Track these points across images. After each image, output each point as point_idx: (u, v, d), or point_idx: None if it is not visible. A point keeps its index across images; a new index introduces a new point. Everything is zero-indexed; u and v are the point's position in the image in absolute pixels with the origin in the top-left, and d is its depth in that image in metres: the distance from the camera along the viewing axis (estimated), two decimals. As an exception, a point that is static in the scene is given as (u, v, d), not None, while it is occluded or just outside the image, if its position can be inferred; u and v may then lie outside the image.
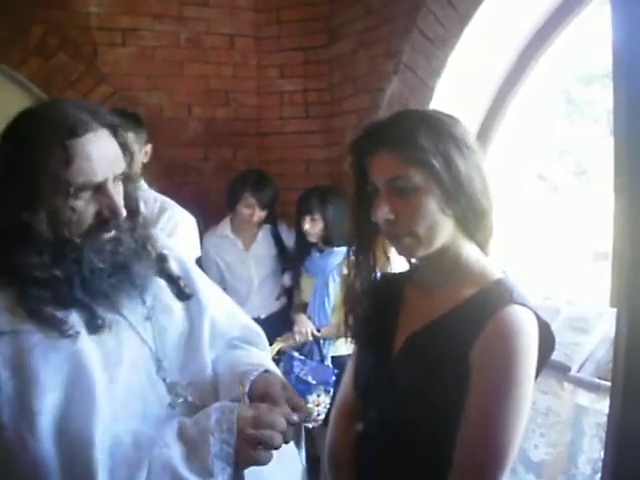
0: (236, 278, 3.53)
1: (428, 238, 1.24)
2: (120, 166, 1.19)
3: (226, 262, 3.50)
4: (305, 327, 3.16)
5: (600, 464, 1.81)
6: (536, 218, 3.53)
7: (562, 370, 2.05)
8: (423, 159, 1.20)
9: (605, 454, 1.40)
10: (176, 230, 2.55)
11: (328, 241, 3.19)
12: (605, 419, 1.45)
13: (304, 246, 3.32)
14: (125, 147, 1.21)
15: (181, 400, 1.24)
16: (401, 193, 1.22)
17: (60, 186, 1.10)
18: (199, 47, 3.80)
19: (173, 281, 1.33)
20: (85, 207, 1.14)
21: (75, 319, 1.13)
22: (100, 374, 1.11)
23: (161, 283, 1.31)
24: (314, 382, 2.98)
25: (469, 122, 2.99)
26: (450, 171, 1.20)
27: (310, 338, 3.15)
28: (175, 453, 1.07)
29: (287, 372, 2.96)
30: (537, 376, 1.26)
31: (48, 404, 1.04)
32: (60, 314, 1.11)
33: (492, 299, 1.21)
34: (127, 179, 1.22)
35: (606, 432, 1.42)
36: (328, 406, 2.97)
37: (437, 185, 1.21)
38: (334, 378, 2.97)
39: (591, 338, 2.10)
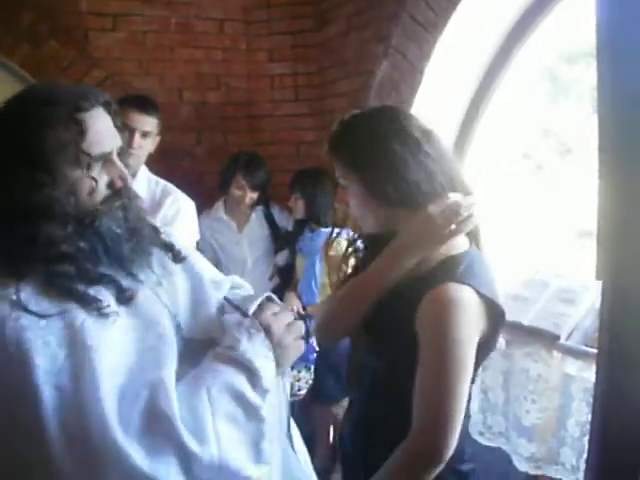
0: (230, 259, 3.59)
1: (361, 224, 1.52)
2: (118, 140, 1.25)
3: (220, 243, 3.56)
4: (292, 305, 3.24)
5: (588, 427, 1.91)
6: (521, 197, 3.61)
7: (551, 339, 2.14)
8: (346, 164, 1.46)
9: (592, 416, 1.49)
10: (179, 214, 2.60)
11: (315, 221, 3.27)
12: (592, 385, 1.54)
13: (297, 225, 3.40)
14: (117, 123, 1.27)
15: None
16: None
17: (78, 158, 1.15)
18: (189, 31, 3.82)
19: (168, 247, 1.39)
20: (100, 177, 1.20)
21: (106, 295, 1.15)
22: (142, 344, 1.17)
23: (159, 252, 1.37)
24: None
25: (457, 104, 3.07)
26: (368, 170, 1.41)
27: (296, 316, 3.22)
28: (225, 374, 1.15)
29: None
30: (490, 348, 1.40)
31: (107, 369, 1.07)
32: (91, 291, 1.14)
33: (434, 276, 1.34)
34: (121, 153, 1.27)
35: (593, 396, 1.50)
36: (310, 382, 3.09)
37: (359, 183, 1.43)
38: (314, 355, 3.07)
39: (578, 309, 2.19)
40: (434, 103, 3.00)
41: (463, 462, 1.44)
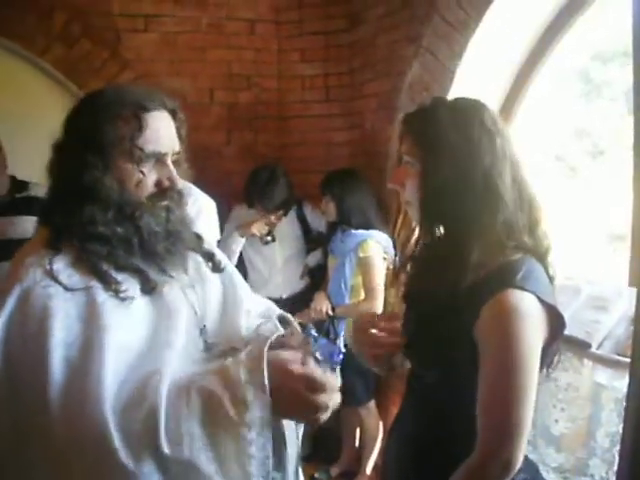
0: (259, 256, 3.60)
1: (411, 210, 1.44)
2: (177, 145, 1.33)
3: (250, 240, 3.55)
4: (320, 305, 3.23)
5: (618, 438, 1.87)
6: (553, 199, 3.55)
7: (582, 347, 2.09)
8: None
9: (624, 427, 1.45)
10: (200, 215, 2.61)
11: (346, 222, 3.25)
12: (623, 395, 1.50)
13: (329, 226, 3.39)
14: (180, 131, 1.36)
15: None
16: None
17: (132, 151, 1.24)
18: (220, 32, 3.84)
19: (209, 256, 1.48)
20: (149, 174, 1.28)
21: (131, 282, 1.24)
22: (155, 335, 1.23)
23: (197, 258, 1.46)
24: (321, 358, 3.05)
25: (490, 105, 3.02)
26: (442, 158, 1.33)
27: (324, 316, 3.22)
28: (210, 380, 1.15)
29: None
30: (553, 355, 1.35)
31: (115, 350, 1.13)
32: (117, 275, 1.23)
33: (493, 282, 1.29)
34: (177, 161, 1.35)
35: (625, 406, 1.47)
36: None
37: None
38: (341, 357, 3.04)
39: (610, 316, 2.14)
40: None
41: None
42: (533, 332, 1.25)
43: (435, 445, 1.38)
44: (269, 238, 3.52)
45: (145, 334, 1.21)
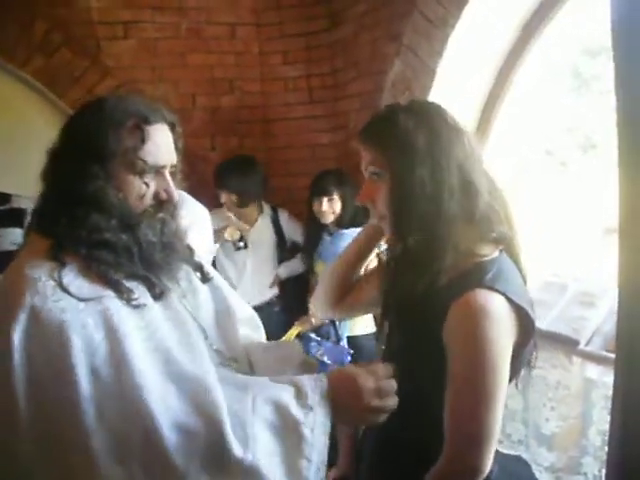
0: (230, 262, 3.56)
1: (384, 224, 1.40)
2: (175, 158, 1.35)
3: (223, 244, 3.49)
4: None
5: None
6: (544, 194, 3.53)
7: (571, 344, 2.06)
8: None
9: (611, 424, 1.42)
10: (193, 224, 2.57)
11: (340, 224, 3.22)
12: (614, 391, 1.46)
13: (316, 230, 3.34)
14: (177, 144, 1.37)
15: (227, 367, 1.38)
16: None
17: (134, 162, 1.25)
18: (201, 37, 3.80)
19: (197, 267, 1.50)
20: (148, 186, 1.29)
21: (141, 290, 1.25)
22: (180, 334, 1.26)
23: (188, 269, 1.47)
24: (330, 362, 3.02)
25: (473, 100, 2.99)
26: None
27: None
28: (273, 389, 1.21)
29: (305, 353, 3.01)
30: (529, 354, 1.30)
31: (140, 350, 1.15)
32: (128, 284, 1.23)
33: (462, 283, 1.25)
34: (174, 173, 1.36)
35: (611, 402, 1.44)
36: None
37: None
38: (349, 358, 3.01)
39: (598, 312, 2.12)
40: (448, 102, 2.93)
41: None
42: (501, 333, 1.21)
43: (406, 448, 1.35)
44: (241, 244, 3.48)
45: (172, 337, 1.23)
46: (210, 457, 1.10)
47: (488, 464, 1.21)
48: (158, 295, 1.27)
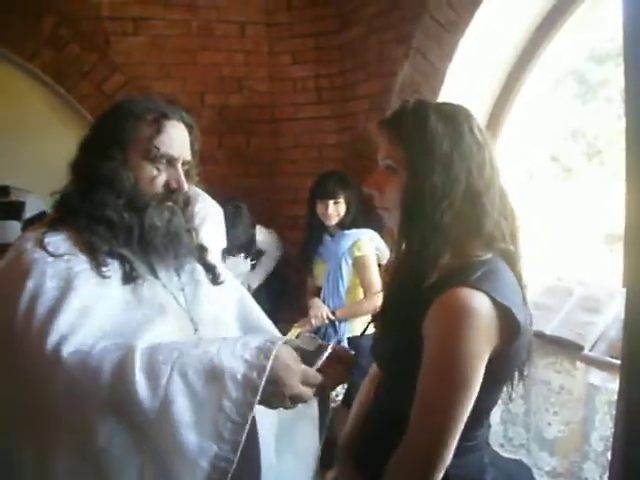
0: None
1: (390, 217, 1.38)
2: (188, 155, 1.46)
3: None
4: (320, 311, 3.19)
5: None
6: (549, 200, 3.53)
7: (575, 349, 2.06)
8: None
9: (615, 429, 1.42)
10: (206, 220, 2.58)
11: (342, 225, 3.22)
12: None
13: (317, 231, 3.34)
14: (193, 145, 1.49)
15: None
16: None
17: (149, 149, 1.38)
18: (210, 35, 3.81)
19: (210, 269, 1.58)
20: (160, 173, 1.40)
21: (115, 269, 1.34)
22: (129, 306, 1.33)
23: (198, 267, 1.55)
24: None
25: (481, 105, 3.00)
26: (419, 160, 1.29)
27: (326, 321, 3.19)
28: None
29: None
30: (506, 357, 1.26)
31: (77, 304, 1.23)
32: (107, 257, 1.34)
33: (448, 280, 1.23)
34: (187, 171, 1.47)
35: (616, 409, 1.44)
36: (346, 387, 3.01)
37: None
38: None
39: (603, 318, 2.11)
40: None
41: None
42: (479, 333, 1.18)
43: (388, 438, 1.34)
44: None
45: (115, 316, 1.28)
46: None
47: (444, 459, 1.19)
48: (131, 279, 1.35)
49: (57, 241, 1.31)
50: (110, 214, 1.34)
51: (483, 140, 1.31)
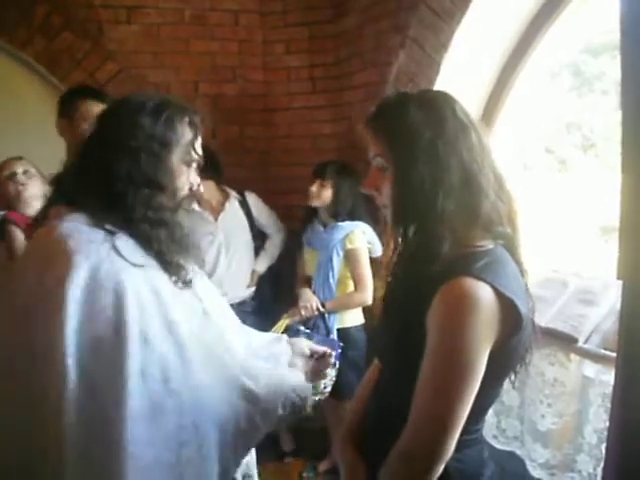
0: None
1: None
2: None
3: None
4: (310, 301, 3.17)
5: (606, 434, 1.83)
6: (543, 192, 3.52)
7: (569, 341, 2.06)
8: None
9: (610, 422, 1.42)
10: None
11: (334, 215, 3.21)
12: (611, 389, 1.46)
13: (308, 215, 3.34)
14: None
15: None
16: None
17: (189, 154, 1.41)
18: (204, 24, 3.78)
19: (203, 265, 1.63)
20: (189, 177, 1.44)
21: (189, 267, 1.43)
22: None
23: (195, 268, 1.55)
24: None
25: (476, 96, 2.98)
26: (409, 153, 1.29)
27: (315, 312, 3.17)
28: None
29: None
30: (508, 348, 1.26)
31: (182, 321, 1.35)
32: (181, 260, 1.41)
33: (451, 270, 1.22)
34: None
35: (611, 400, 1.43)
36: (334, 378, 3.01)
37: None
38: (339, 350, 3.00)
39: (598, 310, 2.11)
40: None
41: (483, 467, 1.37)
42: (482, 323, 1.17)
43: (387, 429, 1.33)
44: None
45: (199, 323, 1.41)
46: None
47: (446, 451, 1.18)
48: (189, 281, 1.42)
49: (125, 246, 1.32)
50: (166, 217, 1.37)
51: (468, 121, 1.30)
